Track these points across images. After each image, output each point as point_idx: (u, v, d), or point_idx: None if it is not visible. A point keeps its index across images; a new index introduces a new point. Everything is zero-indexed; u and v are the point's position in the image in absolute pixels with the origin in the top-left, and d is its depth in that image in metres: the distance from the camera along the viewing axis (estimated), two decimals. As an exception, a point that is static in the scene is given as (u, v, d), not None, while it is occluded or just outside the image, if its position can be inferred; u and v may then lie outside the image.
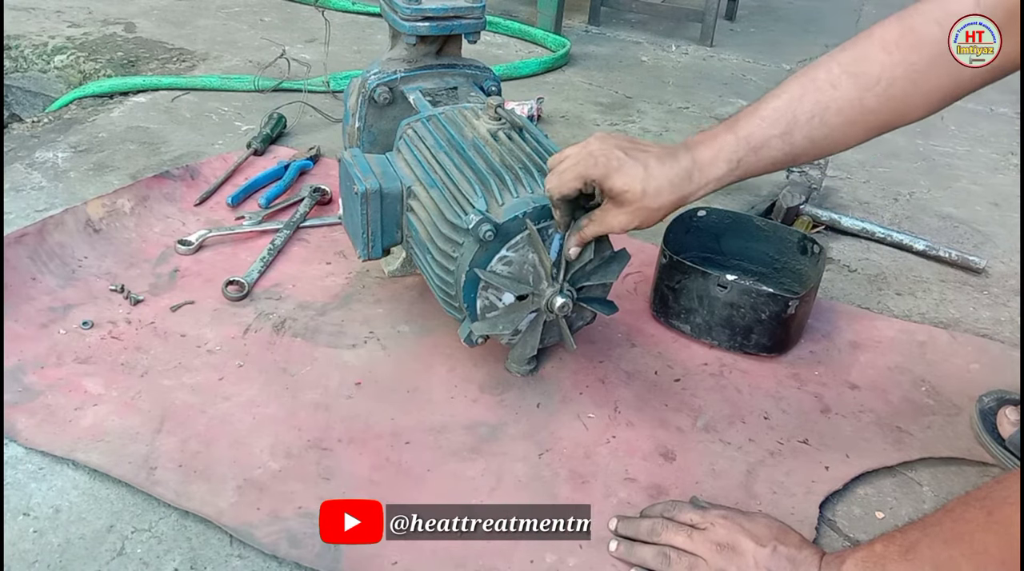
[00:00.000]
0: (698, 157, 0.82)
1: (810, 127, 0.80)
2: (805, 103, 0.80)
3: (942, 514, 0.69)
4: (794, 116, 0.80)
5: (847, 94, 0.79)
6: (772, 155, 0.81)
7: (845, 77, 0.79)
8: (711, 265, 1.21)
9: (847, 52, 0.80)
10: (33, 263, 1.11)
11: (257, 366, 1.02)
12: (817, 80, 0.80)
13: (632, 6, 2.67)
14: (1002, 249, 1.50)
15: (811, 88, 0.80)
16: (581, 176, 0.81)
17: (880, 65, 0.78)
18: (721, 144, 0.81)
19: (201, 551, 0.79)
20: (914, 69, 0.77)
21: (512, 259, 0.89)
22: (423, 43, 1.11)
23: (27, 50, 2.01)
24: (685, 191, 0.82)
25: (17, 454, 0.87)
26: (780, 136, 0.80)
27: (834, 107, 0.79)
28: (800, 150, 0.81)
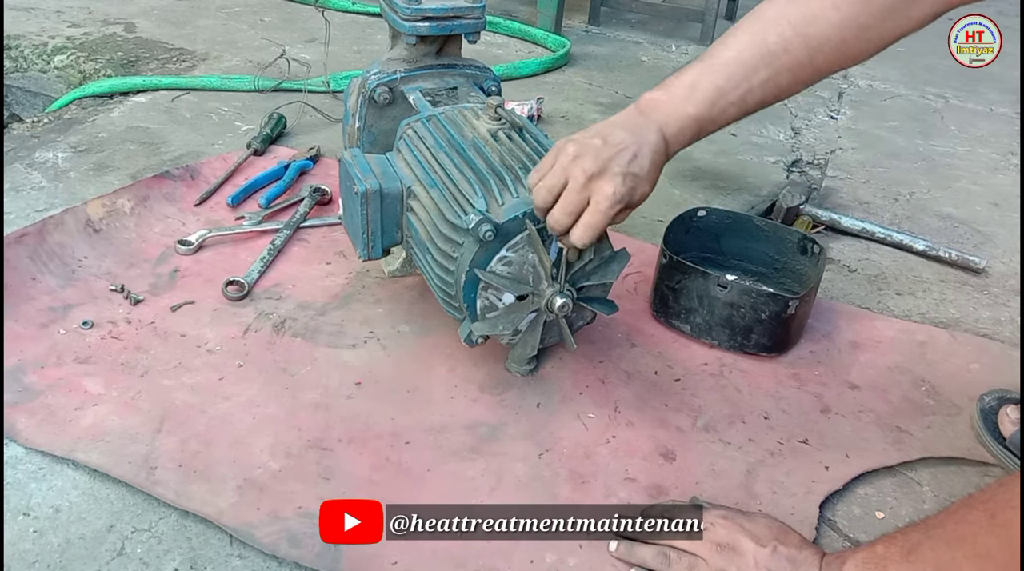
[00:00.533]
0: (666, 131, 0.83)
1: (763, 90, 0.83)
2: (759, 70, 0.82)
3: (944, 516, 0.68)
4: (748, 82, 0.82)
5: (798, 57, 0.81)
6: (726, 119, 0.85)
7: (796, 39, 0.81)
8: (711, 265, 1.21)
9: (796, 7, 0.82)
10: (33, 263, 1.11)
11: (257, 366, 1.02)
12: (769, 44, 0.82)
13: (632, 6, 2.67)
14: (1002, 249, 1.50)
15: (763, 50, 0.82)
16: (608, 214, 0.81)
17: (831, 25, 0.80)
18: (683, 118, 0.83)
19: (201, 551, 0.79)
20: (862, 26, 0.80)
21: (512, 259, 0.89)
22: (423, 43, 1.11)
23: (27, 50, 2.01)
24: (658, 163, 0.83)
25: (17, 454, 0.87)
26: (736, 103, 0.83)
27: (785, 70, 0.82)
28: (753, 108, 0.85)
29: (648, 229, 1.42)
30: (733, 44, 0.84)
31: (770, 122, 1.96)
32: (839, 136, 1.95)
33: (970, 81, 2.36)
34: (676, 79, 0.84)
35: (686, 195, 1.57)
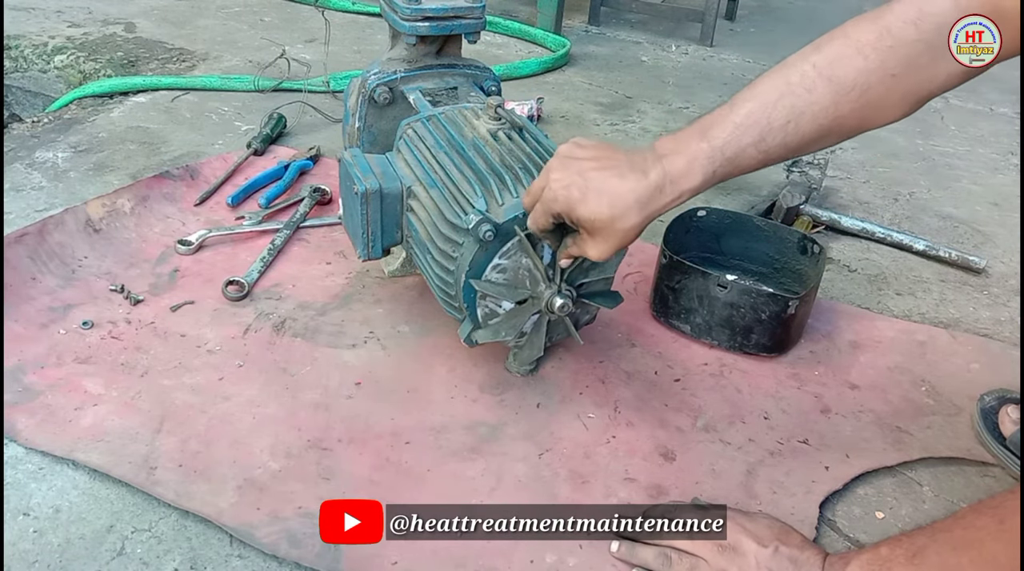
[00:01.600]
0: (670, 168, 0.78)
1: (784, 134, 0.78)
2: (779, 108, 0.78)
3: (952, 521, 0.68)
4: (768, 122, 0.78)
5: (822, 100, 0.77)
6: (747, 163, 0.79)
7: (820, 81, 0.77)
8: (711, 265, 1.21)
9: (822, 53, 0.78)
10: (33, 263, 1.11)
11: (257, 366, 1.02)
12: (791, 83, 0.78)
13: (632, 6, 2.67)
14: (1002, 249, 1.50)
15: (786, 92, 0.78)
16: (547, 213, 0.80)
17: (856, 70, 0.76)
18: (695, 154, 0.78)
19: (201, 551, 0.79)
20: (890, 74, 0.76)
21: (506, 266, 0.89)
22: (423, 43, 1.11)
23: (27, 50, 2.01)
24: (655, 206, 0.78)
25: (17, 454, 0.87)
26: (755, 144, 0.78)
27: (808, 113, 0.77)
28: (775, 155, 0.80)
29: (648, 229, 1.41)
30: (755, 87, 0.80)
31: (770, 122, 1.96)
32: (839, 136, 1.94)
33: (970, 81, 2.36)
34: (696, 121, 0.82)
35: (686, 195, 1.57)
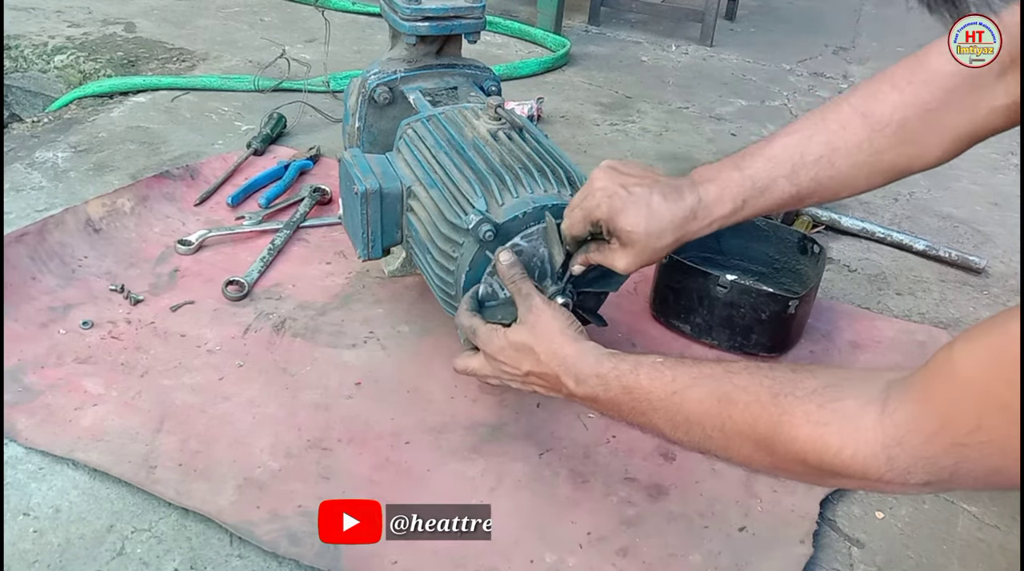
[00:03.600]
0: (704, 195, 0.80)
1: (817, 168, 0.78)
2: (813, 143, 0.78)
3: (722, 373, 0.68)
4: (801, 156, 0.78)
5: (856, 135, 0.76)
6: (778, 196, 0.80)
7: (855, 117, 0.76)
8: (711, 265, 1.21)
9: (859, 91, 0.78)
10: (33, 263, 1.11)
11: (257, 366, 1.02)
12: (827, 120, 0.78)
13: (632, 6, 2.67)
14: (1002, 249, 1.50)
15: (821, 128, 0.78)
16: (587, 218, 0.82)
17: (891, 104, 0.75)
18: (726, 182, 0.80)
19: (201, 551, 0.79)
20: (926, 107, 0.74)
21: (524, 249, 0.89)
22: (423, 43, 1.11)
23: (27, 50, 2.01)
24: (688, 230, 0.81)
25: (17, 454, 0.87)
26: (787, 177, 0.78)
27: (843, 148, 0.77)
28: (807, 191, 0.79)
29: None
30: (793, 124, 0.81)
31: (770, 122, 1.96)
32: (839, 136, 1.94)
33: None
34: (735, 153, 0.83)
35: (686, 195, 1.57)
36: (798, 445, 0.60)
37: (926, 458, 0.54)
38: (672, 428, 0.70)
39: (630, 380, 0.73)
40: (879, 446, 0.56)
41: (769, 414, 0.62)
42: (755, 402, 0.63)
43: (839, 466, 0.58)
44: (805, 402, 0.60)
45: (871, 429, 0.56)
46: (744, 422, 0.63)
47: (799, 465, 0.61)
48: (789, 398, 0.61)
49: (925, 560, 0.85)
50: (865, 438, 0.56)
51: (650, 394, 0.71)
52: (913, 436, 0.55)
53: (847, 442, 0.57)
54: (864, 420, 0.57)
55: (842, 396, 0.59)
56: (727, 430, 0.65)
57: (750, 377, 0.65)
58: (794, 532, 0.85)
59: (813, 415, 0.59)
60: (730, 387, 0.65)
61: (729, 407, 0.65)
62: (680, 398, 0.69)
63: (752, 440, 0.63)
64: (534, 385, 0.83)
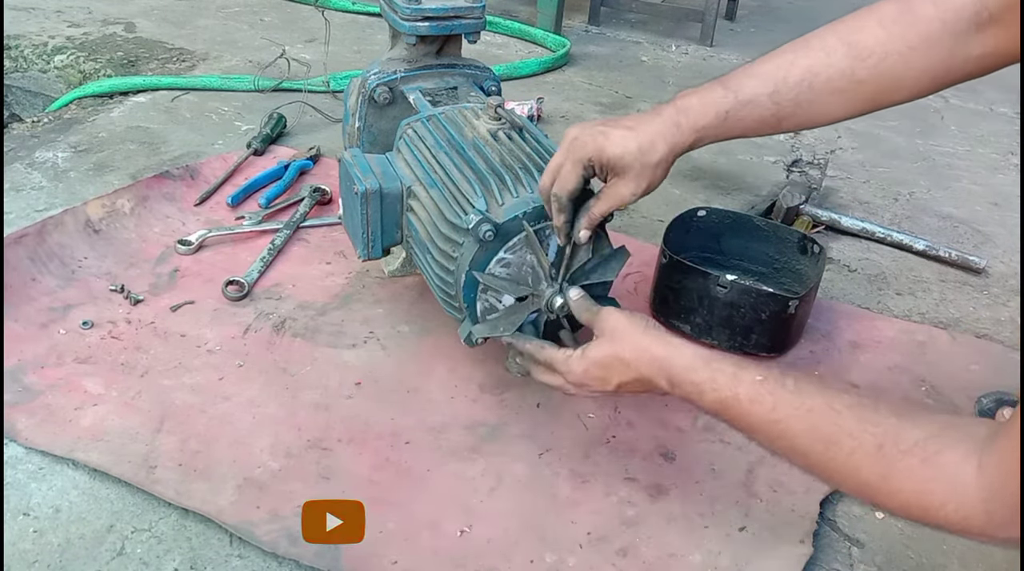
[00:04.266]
0: (683, 104, 0.82)
1: (798, 90, 0.81)
2: (797, 66, 0.81)
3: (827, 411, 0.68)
4: (784, 77, 0.81)
5: (839, 62, 0.80)
6: (759, 113, 0.82)
7: (840, 45, 0.80)
8: (711, 265, 1.21)
9: (845, 23, 0.81)
10: (33, 263, 1.11)
11: (257, 366, 1.02)
12: (811, 46, 0.81)
13: (632, 6, 2.67)
14: (1002, 249, 1.50)
15: (804, 53, 0.81)
16: (578, 161, 0.82)
17: (875, 38, 0.79)
18: (709, 93, 0.82)
19: (201, 551, 0.79)
20: (908, 46, 0.78)
21: (510, 261, 0.89)
22: (423, 43, 1.11)
23: (27, 50, 2.01)
24: (677, 140, 0.82)
25: (17, 454, 0.87)
26: (769, 95, 0.81)
27: (824, 74, 0.80)
28: (787, 112, 0.82)
29: (648, 229, 1.43)
30: (779, 50, 0.83)
31: (770, 122, 1.96)
32: (839, 136, 1.95)
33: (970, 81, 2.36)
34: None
35: (686, 195, 1.57)
36: (902, 498, 0.62)
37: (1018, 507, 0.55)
38: (774, 449, 0.71)
39: (727, 397, 0.72)
40: (978, 501, 0.57)
41: (873, 466, 0.63)
42: (859, 450, 0.64)
43: (942, 520, 0.59)
44: (908, 456, 0.61)
45: (970, 484, 0.57)
46: (849, 467, 0.65)
47: (903, 513, 0.63)
48: (892, 451, 0.62)
49: (925, 560, 0.85)
50: (965, 493, 0.58)
51: (749, 416, 0.71)
52: (1007, 490, 0.56)
53: (949, 498, 0.59)
54: (963, 476, 0.58)
55: (943, 449, 0.60)
56: (831, 470, 0.66)
57: (856, 422, 0.65)
58: (794, 532, 0.85)
59: (916, 471, 0.61)
60: (835, 429, 0.66)
61: (833, 450, 0.65)
62: (783, 427, 0.69)
63: (856, 484, 0.65)
64: (626, 392, 0.81)
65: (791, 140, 1.89)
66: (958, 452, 0.59)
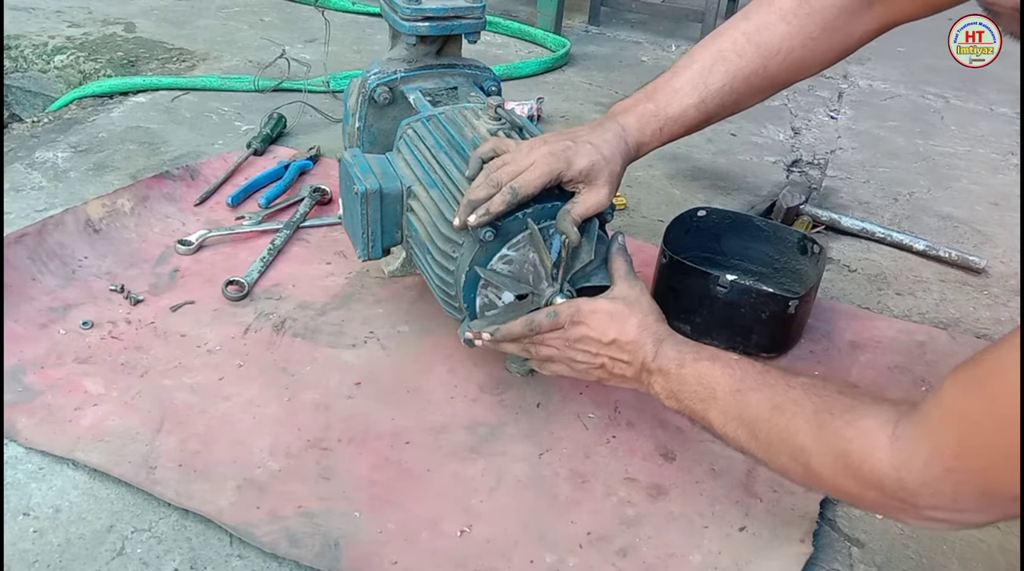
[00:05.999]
0: (624, 122, 0.91)
1: (721, 95, 0.90)
2: (715, 74, 0.90)
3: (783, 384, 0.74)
4: (706, 86, 0.90)
5: (752, 63, 0.89)
6: (689, 122, 0.92)
7: (749, 47, 0.89)
8: (711, 265, 1.21)
9: (750, 21, 0.90)
10: (33, 263, 1.11)
11: (257, 366, 1.02)
12: (724, 51, 0.90)
13: (632, 6, 2.67)
14: (1002, 249, 1.50)
15: (719, 58, 0.90)
16: (548, 173, 0.85)
17: (779, 35, 0.88)
18: (642, 113, 0.91)
19: (201, 551, 0.79)
20: (810, 37, 0.88)
21: (513, 258, 0.89)
22: (423, 43, 1.11)
23: (27, 50, 2.01)
24: (626, 152, 0.90)
25: (17, 454, 0.87)
26: (695, 106, 0.91)
27: (741, 76, 0.90)
28: (713, 113, 0.92)
29: (648, 229, 1.43)
30: (693, 55, 0.93)
31: (770, 122, 1.96)
32: (839, 136, 1.95)
33: (970, 81, 2.36)
34: (642, 88, 0.94)
35: (686, 195, 1.57)
36: (828, 458, 0.67)
37: (926, 483, 0.60)
38: (723, 422, 0.76)
39: (705, 366, 0.79)
40: (890, 466, 0.62)
41: (808, 427, 0.69)
42: (800, 414, 0.70)
43: (861, 474, 0.64)
44: (836, 419, 0.67)
45: (883, 449, 0.62)
46: (787, 431, 0.70)
47: (830, 475, 0.67)
48: (825, 415, 0.68)
49: (925, 560, 0.85)
50: (879, 456, 0.63)
51: (718, 385, 0.77)
52: (914, 460, 0.60)
53: (864, 457, 0.64)
54: (878, 440, 0.63)
55: (866, 415, 0.65)
56: (771, 436, 0.72)
57: (803, 392, 0.71)
58: (794, 532, 0.85)
59: (841, 432, 0.66)
60: (784, 399, 0.72)
61: (778, 416, 0.71)
62: (741, 397, 0.75)
63: (789, 449, 0.70)
64: (607, 357, 0.84)
65: (791, 140, 1.89)
66: (878, 419, 0.64)
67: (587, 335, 0.84)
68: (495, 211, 0.84)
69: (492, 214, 0.85)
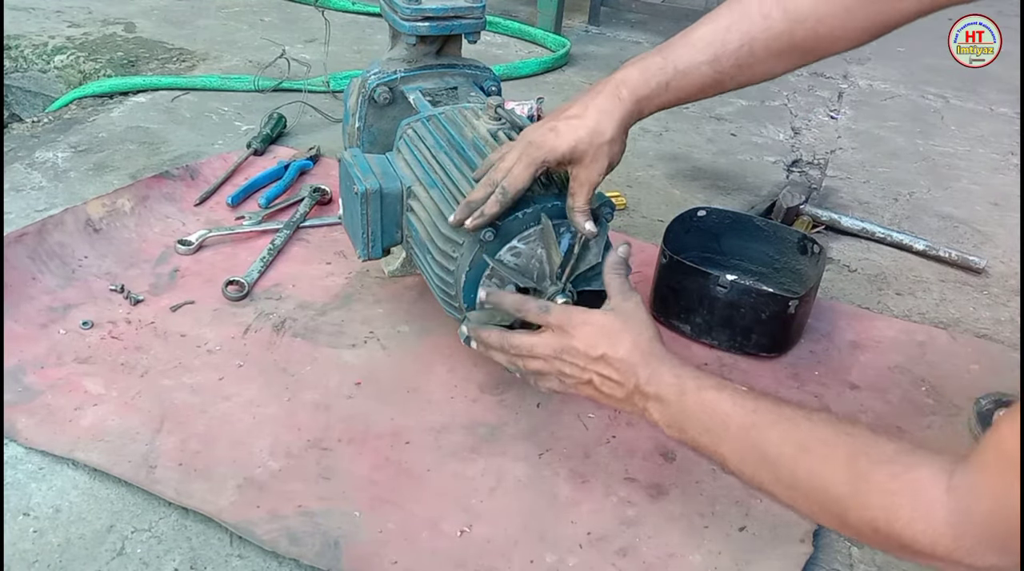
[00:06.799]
0: (623, 76, 0.84)
1: (738, 55, 0.82)
2: (734, 31, 0.82)
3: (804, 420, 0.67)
4: (723, 43, 0.82)
5: (777, 26, 0.81)
6: (700, 80, 0.84)
7: (776, 9, 0.81)
8: (711, 265, 1.21)
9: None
10: (33, 263, 1.11)
11: (257, 366, 1.02)
12: (748, 10, 0.82)
13: (632, 6, 2.67)
14: (1002, 249, 1.50)
15: (742, 16, 0.82)
16: (531, 163, 0.82)
17: (811, 2, 0.80)
18: (647, 65, 0.84)
19: (201, 551, 0.79)
20: (843, 6, 0.80)
21: (521, 251, 0.89)
22: (423, 43, 1.11)
23: (27, 50, 2.01)
24: (621, 113, 0.83)
25: (17, 454, 0.87)
26: (709, 63, 0.83)
27: (762, 38, 0.81)
28: (728, 76, 0.84)
29: (648, 229, 1.43)
30: (714, 13, 0.85)
31: (770, 122, 1.96)
32: (839, 136, 1.95)
33: (970, 81, 2.36)
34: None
35: (686, 195, 1.57)
36: (870, 514, 0.59)
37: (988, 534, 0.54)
38: (738, 460, 0.69)
39: (711, 396, 0.71)
40: (946, 521, 0.55)
41: (844, 475, 0.61)
42: (832, 457, 0.62)
43: (909, 539, 0.57)
44: (880, 469, 0.59)
45: (939, 502, 0.55)
46: (818, 477, 0.63)
47: (870, 531, 0.60)
48: (865, 462, 0.60)
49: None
50: (933, 511, 0.55)
51: (728, 419, 0.69)
52: (977, 511, 0.54)
53: (917, 515, 0.56)
54: (933, 492, 0.56)
55: (916, 464, 0.58)
56: (798, 480, 0.64)
57: (832, 431, 0.64)
58: (794, 532, 0.85)
59: (886, 485, 0.58)
60: (810, 437, 0.65)
61: (805, 457, 0.64)
62: (758, 433, 0.67)
63: (820, 498, 0.63)
64: (595, 373, 0.78)
65: (791, 140, 1.89)
66: (931, 468, 0.57)
67: (574, 347, 0.78)
68: (489, 213, 0.84)
69: (487, 216, 0.84)
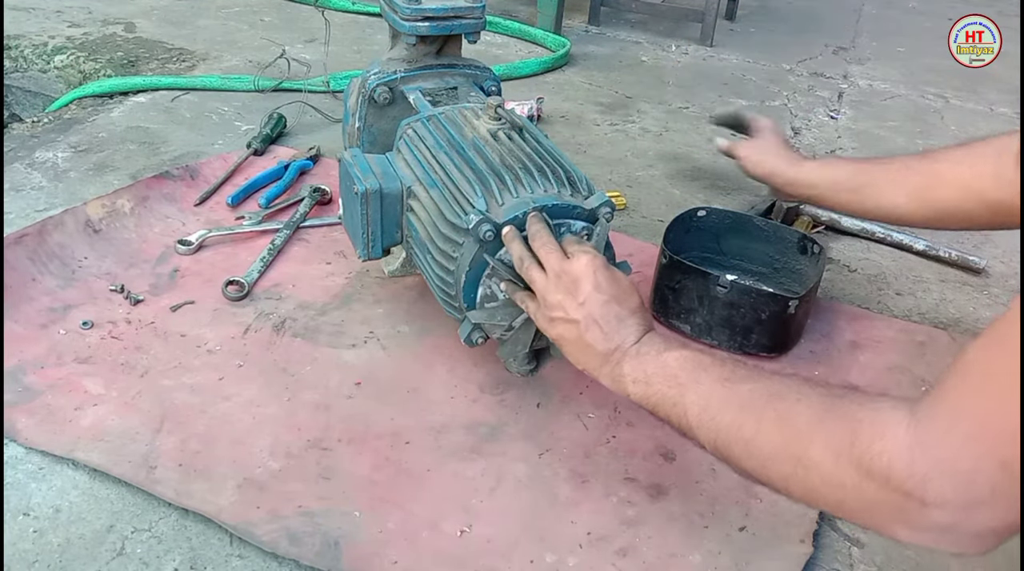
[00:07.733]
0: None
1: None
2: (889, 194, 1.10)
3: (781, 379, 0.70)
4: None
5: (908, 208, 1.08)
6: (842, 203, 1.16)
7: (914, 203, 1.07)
8: (711, 265, 1.21)
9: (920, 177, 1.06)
10: (33, 264, 1.11)
11: (257, 366, 1.02)
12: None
13: (632, 6, 2.67)
14: (1002, 249, 1.50)
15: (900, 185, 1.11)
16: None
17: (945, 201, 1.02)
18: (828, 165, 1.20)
19: (201, 551, 0.79)
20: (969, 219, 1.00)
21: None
22: (423, 43, 1.11)
23: (27, 50, 2.01)
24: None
25: (17, 454, 0.87)
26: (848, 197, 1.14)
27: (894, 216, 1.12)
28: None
29: (648, 229, 1.43)
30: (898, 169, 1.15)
31: (770, 122, 1.96)
32: (839, 136, 1.95)
33: (970, 81, 2.36)
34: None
35: (686, 195, 1.57)
36: (834, 439, 0.61)
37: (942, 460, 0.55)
38: (700, 409, 0.71)
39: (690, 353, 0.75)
40: (905, 446, 0.57)
41: (811, 411, 0.64)
42: (803, 400, 0.66)
43: (867, 461, 0.58)
44: (847, 403, 0.63)
45: (901, 424, 0.58)
46: (787, 416, 0.65)
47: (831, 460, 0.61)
48: (834, 399, 0.64)
49: (925, 560, 0.85)
50: (894, 432, 0.58)
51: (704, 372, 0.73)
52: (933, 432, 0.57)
53: (876, 433, 0.59)
54: (897, 415, 0.59)
55: (883, 399, 0.62)
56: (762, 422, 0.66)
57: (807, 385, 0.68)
58: (794, 532, 0.85)
59: (854, 413, 0.62)
60: (784, 388, 0.68)
61: (776, 401, 0.67)
62: (731, 385, 0.71)
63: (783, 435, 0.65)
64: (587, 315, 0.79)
65: (791, 140, 1.89)
66: (897, 400, 0.61)
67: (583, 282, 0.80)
68: None
69: None
